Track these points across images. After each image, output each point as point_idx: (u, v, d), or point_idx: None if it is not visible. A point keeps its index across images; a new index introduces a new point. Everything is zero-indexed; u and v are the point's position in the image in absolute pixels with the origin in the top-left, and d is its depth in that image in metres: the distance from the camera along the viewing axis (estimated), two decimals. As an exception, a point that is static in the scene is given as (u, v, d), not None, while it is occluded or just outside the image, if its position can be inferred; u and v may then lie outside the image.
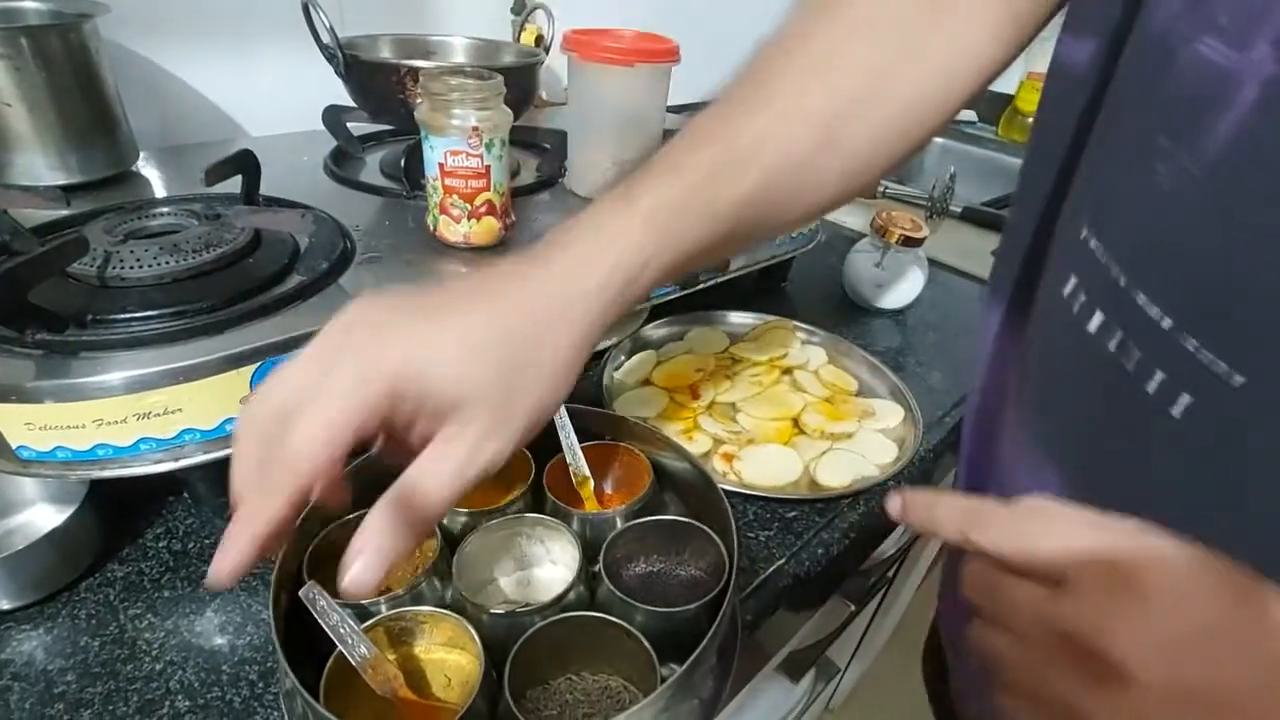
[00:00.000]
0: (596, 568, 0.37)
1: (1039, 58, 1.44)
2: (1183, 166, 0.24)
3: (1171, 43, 0.24)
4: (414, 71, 0.57)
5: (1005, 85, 1.56)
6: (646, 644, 0.32)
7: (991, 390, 0.38)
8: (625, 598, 0.34)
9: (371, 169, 0.67)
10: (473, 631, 0.32)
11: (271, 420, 0.26)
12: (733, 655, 0.35)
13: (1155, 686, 0.20)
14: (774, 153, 0.32)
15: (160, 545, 0.44)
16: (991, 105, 1.58)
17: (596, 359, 0.62)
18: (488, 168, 0.49)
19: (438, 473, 0.26)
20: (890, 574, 0.78)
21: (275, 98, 0.75)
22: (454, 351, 0.26)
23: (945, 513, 0.27)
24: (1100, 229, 0.27)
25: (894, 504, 0.29)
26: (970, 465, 0.41)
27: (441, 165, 0.48)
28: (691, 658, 0.29)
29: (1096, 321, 0.27)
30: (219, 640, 0.39)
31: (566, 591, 0.34)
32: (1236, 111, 0.22)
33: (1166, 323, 0.24)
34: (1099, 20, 0.29)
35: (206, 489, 0.46)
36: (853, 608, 0.69)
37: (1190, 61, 0.24)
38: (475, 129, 0.47)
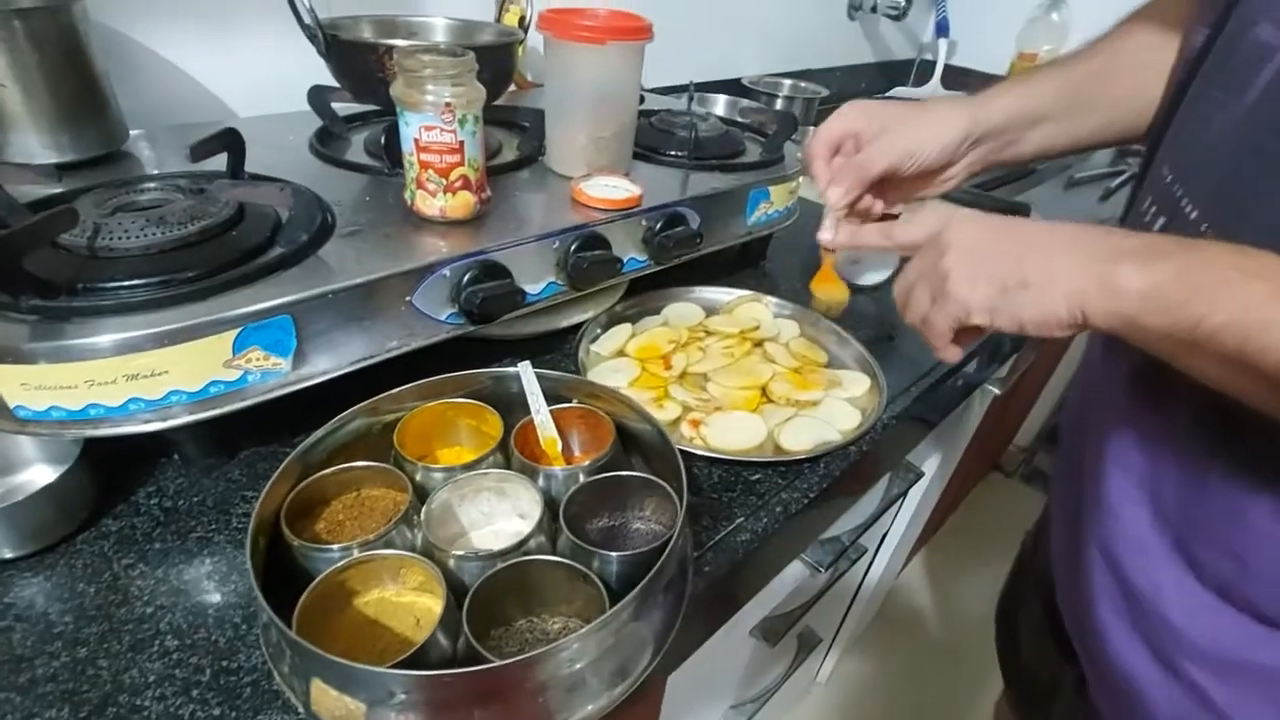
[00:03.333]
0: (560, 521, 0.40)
1: (1030, 38, 1.44)
2: (1230, 112, 0.36)
3: (1241, 26, 0.37)
4: (392, 50, 0.58)
5: (997, 66, 1.56)
6: (599, 584, 0.34)
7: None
8: (581, 543, 0.36)
9: (356, 148, 0.69)
10: (437, 573, 0.34)
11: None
12: (682, 595, 0.38)
13: (965, 256, 0.39)
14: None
15: (151, 503, 0.46)
16: (984, 86, 1.58)
17: (573, 332, 0.64)
18: (461, 143, 0.51)
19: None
20: (860, 542, 0.80)
21: (263, 79, 0.77)
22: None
23: (868, 236, 0.48)
24: (1174, 165, 0.41)
25: (824, 237, 0.51)
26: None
27: (417, 141, 0.50)
28: (635, 590, 0.31)
29: (1159, 223, 0.40)
30: (207, 587, 0.42)
31: (527, 538, 0.37)
32: (1270, 68, 0.33)
33: (1194, 214, 0.38)
34: (1210, 12, 0.41)
35: (195, 449, 0.48)
36: (824, 574, 0.71)
37: (1249, 39, 0.35)
38: (448, 105, 0.48)
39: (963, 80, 1.63)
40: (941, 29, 1.60)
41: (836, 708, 1.39)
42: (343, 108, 0.73)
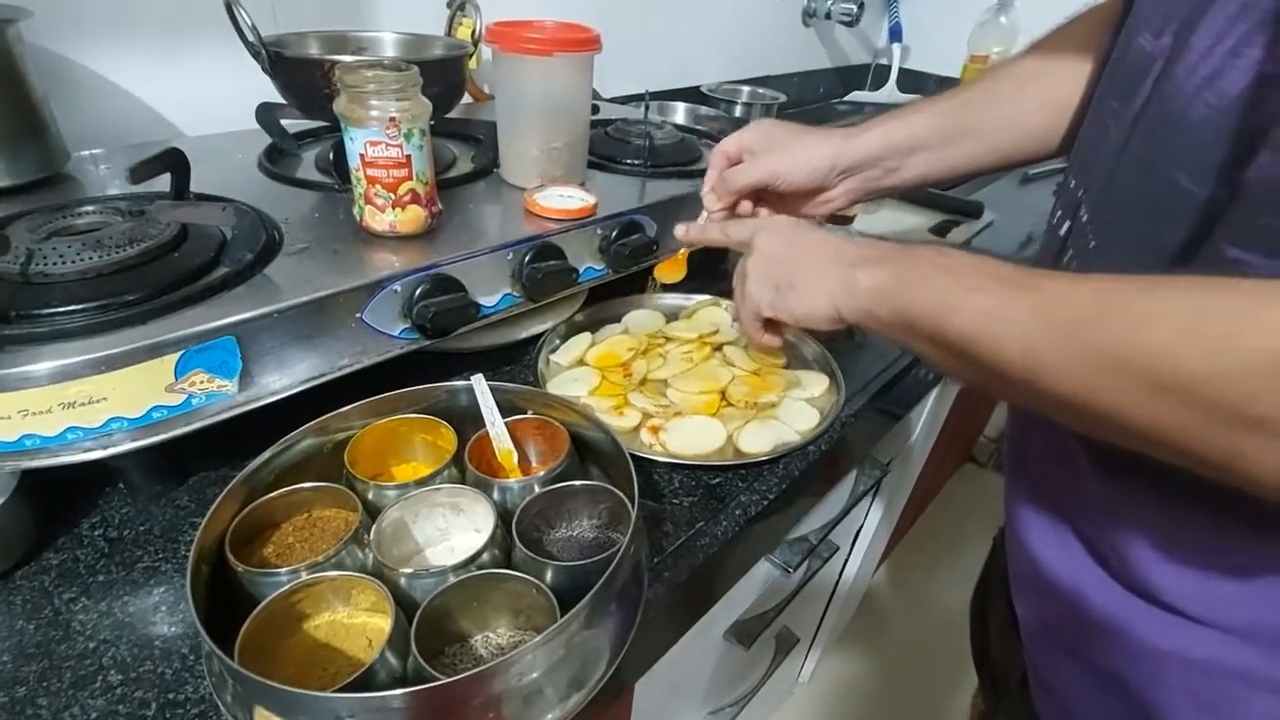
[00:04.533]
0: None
1: (980, 41, 1.48)
2: (1122, 119, 0.38)
3: (1129, 36, 0.39)
4: (335, 66, 0.58)
5: (950, 69, 1.60)
6: (550, 596, 0.34)
7: None
8: (533, 555, 0.36)
9: (307, 165, 0.68)
10: (386, 592, 0.34)
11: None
12: (637, 602, 0.38)
13: (759, 259, 0.49)
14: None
15: (95, 533, 0.45)
16: (938, 89, 1.62)
17: (534, 342, 0.64)
18: (408, 157, 0.50)
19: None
20: (830, 540, 0.81)
21: (211, 97, 0.76)
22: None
23: (711, 232, 0.56)
24: (1077, 172, 0.43)
25: (679, 231, 0.58)
26: None
27: (362, 156, 0.50)
28: (582, 601, 0.31)
29: (1064, 228, 0.43)
30: (153, 619, 0.40)
31: (479, 553, 0.36)
32: (1151, 78, 0.35)
33: (1085, 218, 0.40)
34: (1117, 20, 0.43)
35: (141, 476, 0.47)
36: (793, 575, 0.72)
37: (1135, 49, 0.37)
38: (393, 119, 0.48)
39: (918, 83, 1.67)
40: (895, 34, 1.64)
41: (820, 707, 1.40)
42: (294, 124, 0.72)
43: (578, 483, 0.41)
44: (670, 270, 0.65)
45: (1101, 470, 0.40)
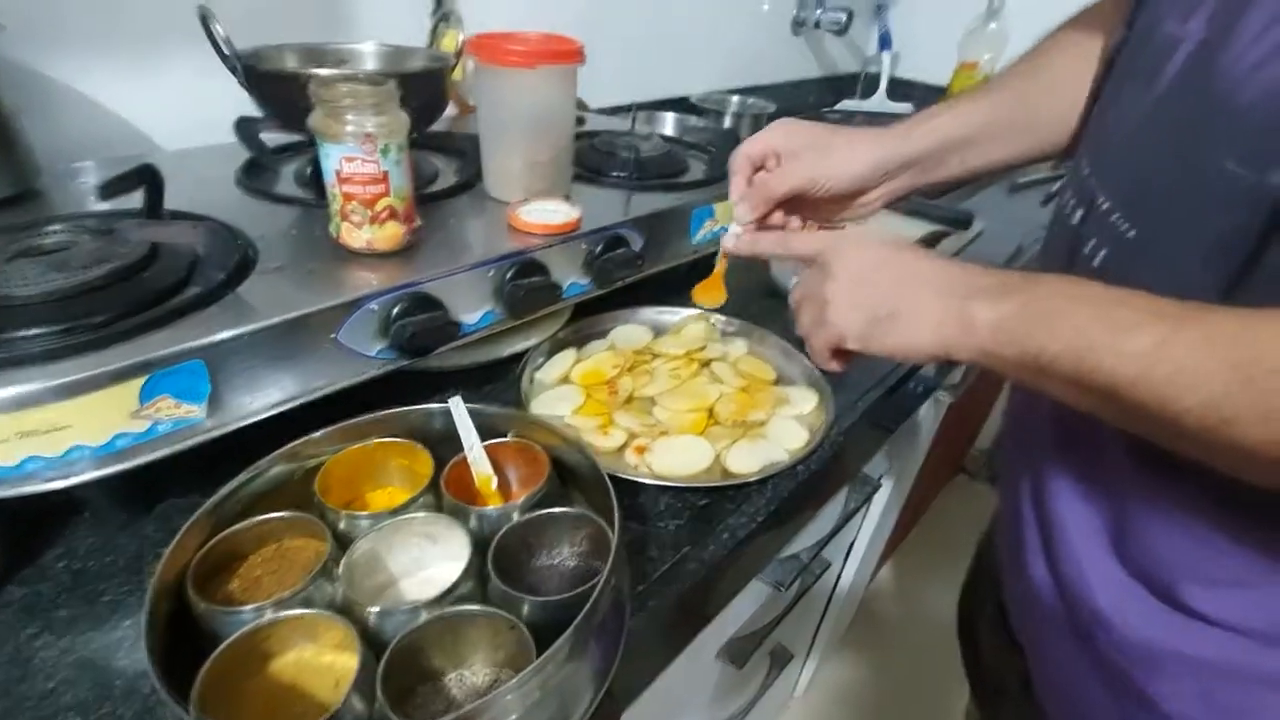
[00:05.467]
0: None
1: (970, 48, 1.48)
2: (1141, 104, 0.38)
3: (1151, 22, 0.39)
4: (311, 80, 0.57)
5: (940, 76, 1.60)
6: (526, 632, 0.33)
7: None
8: (509, 590, 0.35)
9: (286, 179, 0.67)
10: (352, 630, 0.32)
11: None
12: (619, 634, 0.36)
13: (847, 282, 0.42)
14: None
15: (59, 566, 0.44)
16: (928, 97, 1.62)
17: (517, 360, 0.62)
18: (385, 173, 0.49)
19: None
20: (822, 556, 0.80)
21: (191, 110, 0.74)
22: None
23: (764, 244, 0.51)
24: (1091, 159, 0.42)
25: (727, 243, 0.53)
26: None
27: (338, 172, 0.49)
28: (558, 641, 0.30)
29: (1078, 215, 0.42)
30: (116, 656, 0.39)
31: (454, 587, 0.35)
32: (1177, 60, 0.35)
33: (1105, 205, 0.39)
34: (1129, 12, 0.43)
35: (107, 505, 0.45)
36: (785, 593, 0.70)
37: (1160, 35, 0.37)
38: (368, 135, 0.47)
39: (907, 91, 1.67)
40: (884, 42, 1.64)
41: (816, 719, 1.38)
42: (274, 138, 0.71)
43: (557, 510, 0.40)
44: (709, 293, 0.60)
45: (1138, 461, 0.38)
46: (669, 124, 1.18)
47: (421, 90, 0.62)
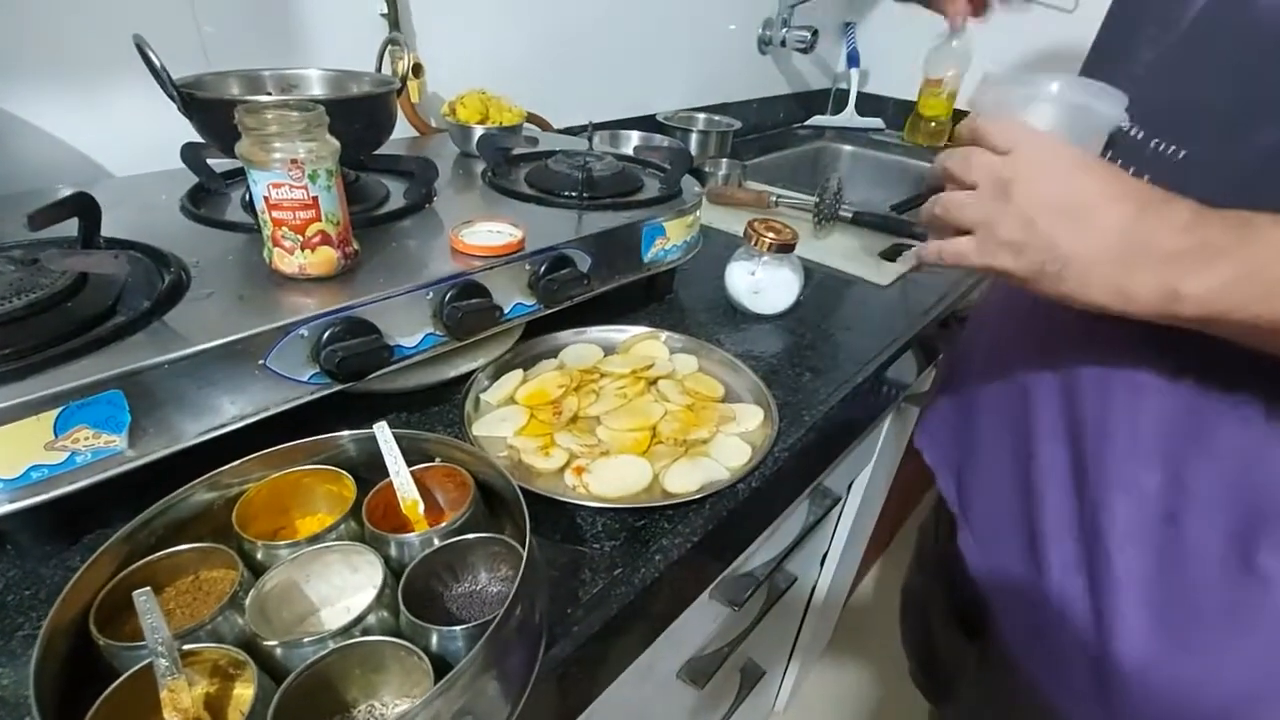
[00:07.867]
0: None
1: (935, 65, 1.49)
2: (1160, 41, 0.41)
3: None
4: (236, 108, 0.57)
5: (908, 92, 1.62)
6: (427, 663, 0.32)
7: None
8: (414, 619, 0.34)
9: (234, 205, 0.67)
10: (250, 664, 0.32)
11: None
12: (532, 662, 0.36)
13: (1025, 199, 0.39)
14: None
15: (-24, 600, 0.43)
16: (897, 112, 1.64)
17: (464, 381, 0.62)
18: (315, 198, 0.49)
19: None
20: (787, 570, 0.79)
21: (140, 136, 0.74)
22: None
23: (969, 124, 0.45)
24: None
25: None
26: None
27: (267, 199, 0.49)
28: (448, 675, 0.29)
29: (1108, 153, 0.44)
30: (27, 695, 0.38)
31: (360, 618, 0.35)
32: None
33: (1138, 134, 0.42)
34: None
35: (28, 538, 0.45)
36: (741, 611, 0.70)
37: None
38: (294, 161, 0.47)
39: (877, 106, 1.69)
40: (852, 59, 1.66)
41: (796, 738, 1.36)
42: (223, 163, 0.71)
43: (471, 536, 0.40)
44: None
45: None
46: (633, 142, 1.19)
47: (363, 114, 0.63)
